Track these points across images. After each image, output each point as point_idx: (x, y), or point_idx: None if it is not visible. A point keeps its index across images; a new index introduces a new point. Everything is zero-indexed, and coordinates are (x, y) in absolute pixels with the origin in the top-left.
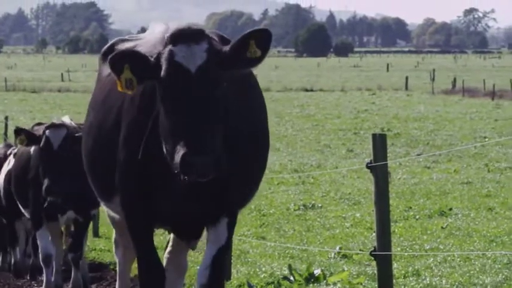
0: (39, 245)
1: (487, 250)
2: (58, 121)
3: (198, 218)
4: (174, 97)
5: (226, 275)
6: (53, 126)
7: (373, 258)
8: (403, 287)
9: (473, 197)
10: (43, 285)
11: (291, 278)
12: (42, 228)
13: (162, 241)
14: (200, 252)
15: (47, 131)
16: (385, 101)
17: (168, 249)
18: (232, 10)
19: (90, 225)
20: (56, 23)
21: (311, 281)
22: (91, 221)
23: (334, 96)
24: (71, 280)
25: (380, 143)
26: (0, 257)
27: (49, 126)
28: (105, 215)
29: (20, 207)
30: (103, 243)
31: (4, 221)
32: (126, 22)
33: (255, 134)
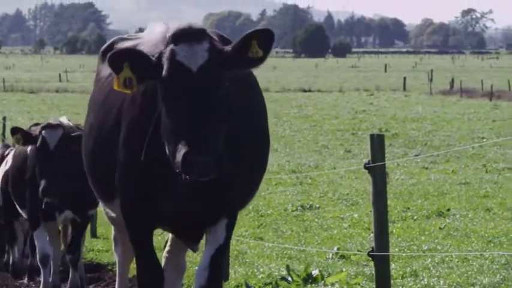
0: (36, 245)
1: (485, 251)
2: (55, 121)
3: (198, 218)
4: (176, 96)
5: (224, 276)
6: (49, 126)
7: (371, 258)
8: (401, 287)
9: (471, 197)
10: (41, 285)
11: (289, 278)
12: (40, 229)
13: (160, 241)
14: (198, 252)
15: (43, 131)
16: (383, 102)
17: (167, 249)
18: (230, 10)
19: (88, 225)
20: (53, 23)
21: (309, 281)
22: (89, 221)
23: (332, 96)
24: (68, 281)
25: (378, 143)
26: None
27: (45, 127)
28: (103, 216)
29: (17, 207)
30: (101, 244)
31: (2, 221)
32: (124, 23)
33: (256, 133)
